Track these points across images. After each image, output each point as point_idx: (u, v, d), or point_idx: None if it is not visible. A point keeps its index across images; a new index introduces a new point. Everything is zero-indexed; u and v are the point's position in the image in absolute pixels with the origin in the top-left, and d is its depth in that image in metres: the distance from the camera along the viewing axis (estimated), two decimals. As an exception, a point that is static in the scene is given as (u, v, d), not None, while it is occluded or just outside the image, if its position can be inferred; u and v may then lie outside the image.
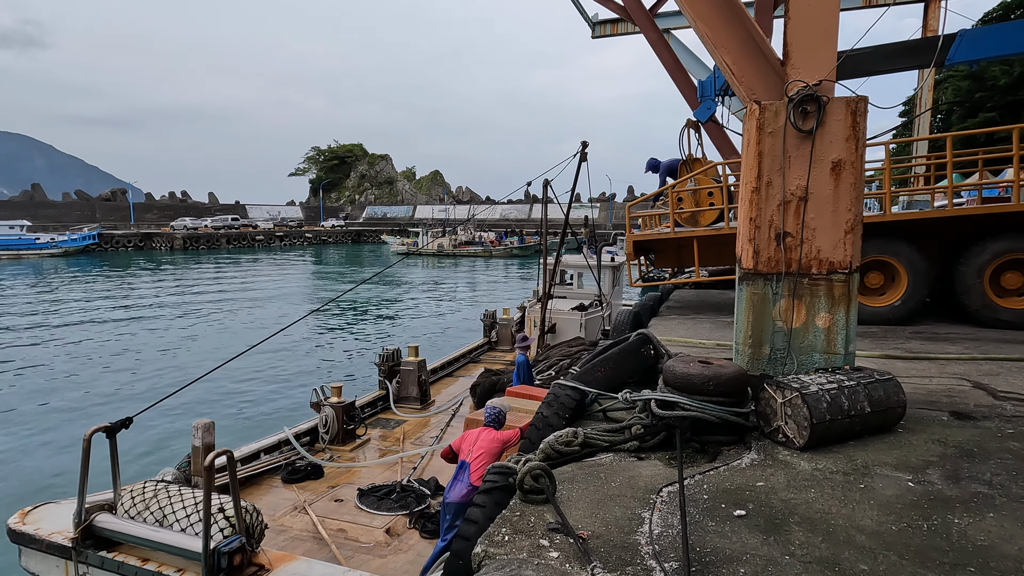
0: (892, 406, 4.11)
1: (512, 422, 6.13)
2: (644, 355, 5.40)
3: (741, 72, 4.86)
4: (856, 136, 4.44)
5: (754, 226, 4.70)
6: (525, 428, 5.44)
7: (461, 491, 5.05)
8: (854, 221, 4.50)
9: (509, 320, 19.21)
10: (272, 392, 15.54)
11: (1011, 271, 7.89)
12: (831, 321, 4.60)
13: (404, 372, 11.72)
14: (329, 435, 9.10)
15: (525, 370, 8.90)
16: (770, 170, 4.63)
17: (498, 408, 5.45)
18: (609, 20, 23.73)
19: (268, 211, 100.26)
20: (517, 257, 65.11)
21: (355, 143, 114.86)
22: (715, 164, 9.91)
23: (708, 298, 11.67)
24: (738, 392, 4.07)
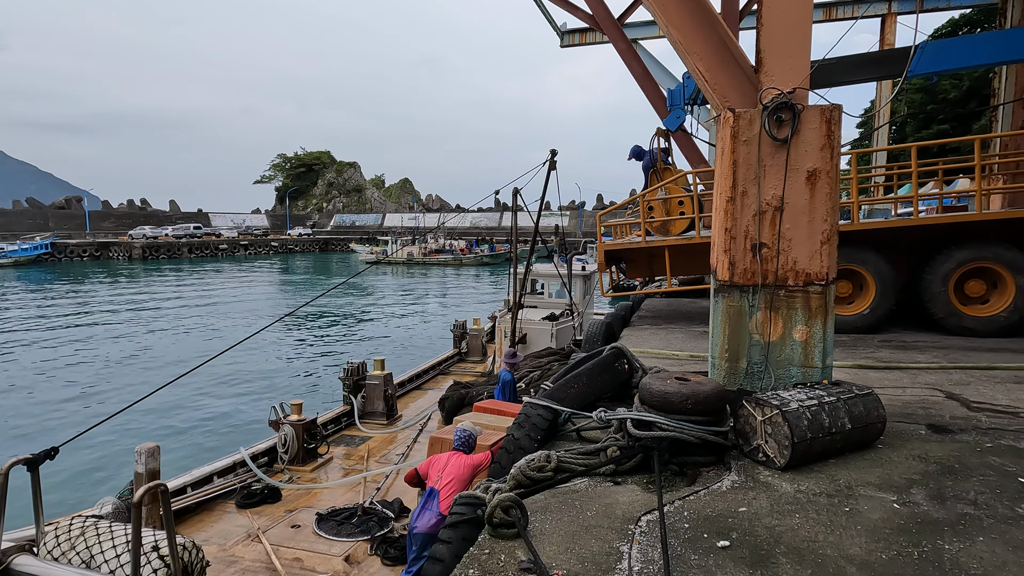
0: (872, 421, 4.00)
1: (480, 440, 5.87)
2: (618, 370, 5.22)
3: (714, 79, 4.74)
4: (831, 145, 4.36)
5: (729, 236, 4.57)
6: (496, 449, 5.19)
7: (430, 520, 4.76)
8: (830, 232, 4.41)
9: (479, 330, 18.92)
10: (229, 410, 14.85)
11: (974, 279, 8.00)
12: (808, 334, 4.48)
13: (370, 386, 11.34)
14: (288, 455, 8.67)
15: (510, 389, 8.50)
16: (745, 179, 4.50)
17: (468, 431, 5.18)
18: (578, 29, 23.83)
19: (232, 219, 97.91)
20: (488, 265, 64.85)
21: (323, 150, 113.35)
22: (685, 173, 9.87)
23: (680, 307, 11.62)
24: (717, 410, 3.90)
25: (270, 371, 18.92)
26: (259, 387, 16.88)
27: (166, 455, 6.95)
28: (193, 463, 8.32)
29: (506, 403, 7.49)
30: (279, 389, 16.55)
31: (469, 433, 5.16)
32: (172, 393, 14.76)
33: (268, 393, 15.88)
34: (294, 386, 17.07)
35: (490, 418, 6.67)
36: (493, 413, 7.08)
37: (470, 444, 5.14)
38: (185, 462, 10.05)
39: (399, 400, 13.10)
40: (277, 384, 17.26)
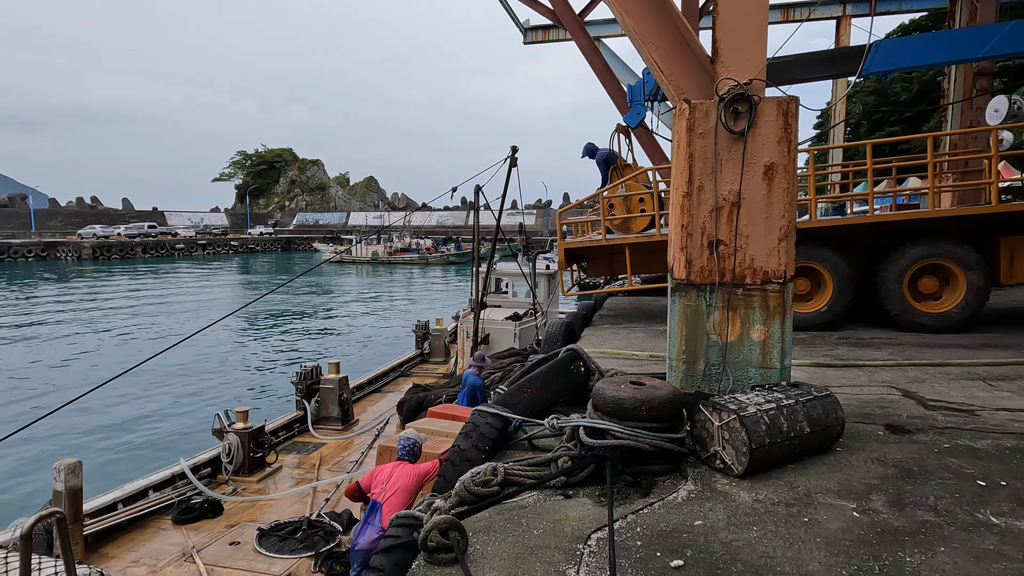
0: (831, 424, 3.87)
1: (430, 448, 5.59)
2: (574, 373, 5.01)
3: (670, 70, 4.55)
4: (788, 138, 4.21)
5: (686, 233, 4.39)
6: (445, 457, 4.93)
7: (371, 536, 4.47)
8: (788, 228, 4.27)
9: (442, 331, 18.58)
10: (172, 418, 14.06)
11: (927, 276, 8.07)
12: (766, 334, 4.34)
13: (324, 391, 10.92)
14: (233, 465, 8.22)
15: (480, 394, 8.04)
16: (701, 174, 4.33)
17: (412, 440, 4.89)
18: (541, 26, 23.64)
19: (190, 218, 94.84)
20: (454, 264, 64.30)
21: (285, 148, 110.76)
22: (646, 170, 9.75)
23: (642, 305, 11.53)
24: (673, 416, 3.71)
25: (219, 376, 18.15)
26: (206, 393, 16.12)
27: (98, 468, 6.49)
28: (130, 473, 7.79)
29: (462, 408, 7.20)
30: (228, 395, 15.86)
31: (413, 441, 4.87)
32: (108, 400, 14.01)
33: (216, 399, 15.19)
34: (245, 391, 16.40)
35: (444, 424, 6.39)
36: (448, 419, 6.79)
37: (415, 453, 4.86)
38: (127, 474, 9.45)
39: (357, 404, 12.70)
40: (226, 389, 16.55)
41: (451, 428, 6.32)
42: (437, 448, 5.73)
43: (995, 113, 10.61)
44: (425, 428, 6.32)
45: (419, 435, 4.97)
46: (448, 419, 6.81)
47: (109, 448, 11.81)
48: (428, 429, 6.29)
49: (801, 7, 21.39)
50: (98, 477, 8.54)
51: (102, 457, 10.82)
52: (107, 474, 9.31)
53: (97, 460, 10.30)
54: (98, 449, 11.29)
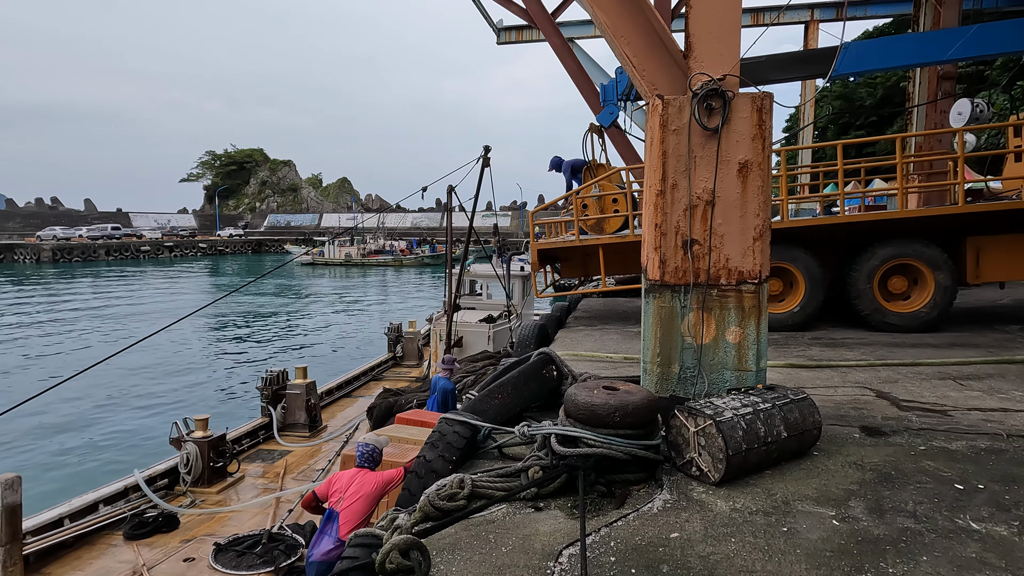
0: (808, 428, 3.77)
1: (396, 457, 5.37)
2: (546, 377, 4.85)
3: (642, 65, 4.43)
4: (763, 136, 4.12)
5: (660, 233, 4.26)
6: (411, 464, 4.71)
7: (326, 547, 4.24)
8: (763, 227, 4.17)
9: (415, 333, 18.30)
10: (128, 427, 13.45)
11: (897, 276, 8.13)
12: (742, 336, 4.23)
13: (290, 396, 10.59)
14: (192, 475, 7.86)
15: (451, 399, 7.82)
16: (675, 171, 4.21)
17: (371, 445, 4.67)
18: (514, 27, 23.55)
19: (156, 219, 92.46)
20: (429, 266, 63.84)
21: (255, 148, 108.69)
22: (619, 170, 9.67)
23: (616, 307, 11.45)
24: (647, 422, 3.57)
25: (180, 382, 17.47)
26: (166, 400, 15.50)
27: (46, 482, 6.09)
28: (79, 489, 7.37)
29: (431, 413, 6.98)
30: (190, 402, 15.29)
31: (372, 447, 4.64)
32: (57, 408, 13.39)
33: (176, 406, 14.62)
34: (209, 398, 15.83)
35: (412, 431, 6.16)
36: (416, 425, 6.57)
37: (375, 458, 4.63)
38: (77, 488, 8.98)
39: (325, 410, 12.38)
40: (188, 396, 15.94)
41: (419, 435, 6.09)
42: (404, 457, 5.51)
43: (959, 116, 10.80)
44: (392, 435, 6.09)
45: (379, 439, 4.74)
46: (416, 425, 6.59)
47: (57, 460, 11.26)
48: (395, 436, 6.07)
49: (770, 11, 21.69)
50: (43, 492, 8.08)
51: (49, 470, 10.28)
52: (55, 488, 8.83)
53: (43, 473, 9.77)
54: (44, 462, 10.72)
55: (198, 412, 10.08)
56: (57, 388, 6.25)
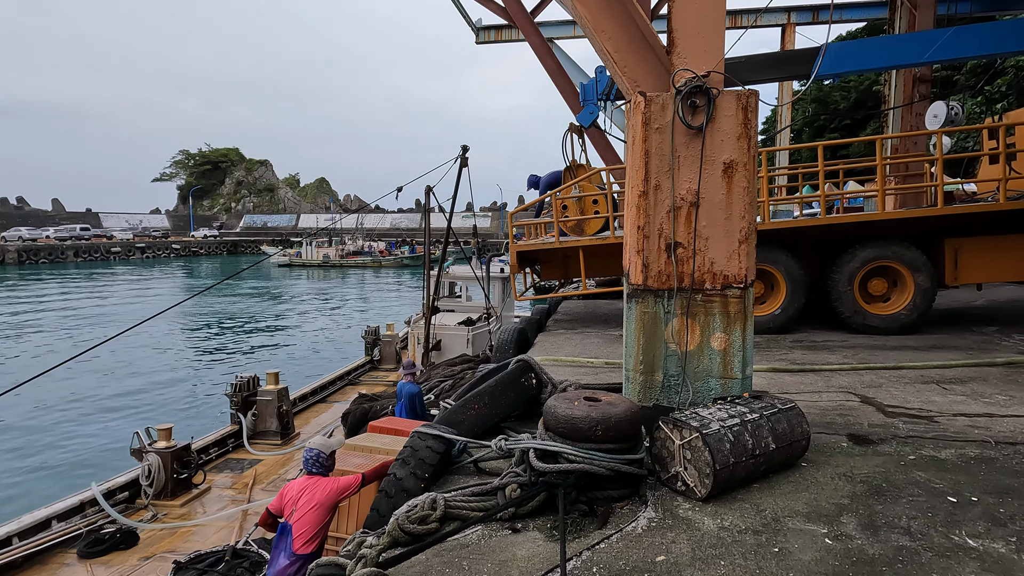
0: (796, 439, 3.63)
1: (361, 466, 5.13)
2: (525, 386, 4.65)
3: (623, 61, 4.26)
4: (748, 135, 3.97)
5: (643, 235, 4.09)
6: (371, 472, 4.43)
7: (281, 564, 3.98)
8: (748, 229, 4.02)
9: (393, 336, 17.99)
10: (87, 436, 12.80)
11: (877, 278, 8.10)
12: (727, 342, 4.08)
13: (261, 403, 10.24)
14: (154, 488, 7.50)
15: (418, 403, 7.67)
16: (658, 171, 4.04)
17: (315, 449, 4.35)
18: (493, 26, 23.33)
19: (128, 220, 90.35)
20: (408, 267, 63.28)
21: (231, 147, 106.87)
22: (599, 170, 9.53)
23: (596, 309, 11.30)
24: (631, 435, 3.39)
25: (148, 388, 16.81)
26: (132, 407, 14.88)
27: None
28: (32, 504, 6.97)
29: (407, 421, 6.74)
30: (158, 409, 14.71)
31: (317, 451, 4.34)
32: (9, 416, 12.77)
33: (143, 414, 14.05)
34: (177, 405, 15.26)
35: (385, 440, 5.91)
36: (390, 434, 6.33)
37: (323, 463, 4.33)
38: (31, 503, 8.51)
39: (299, 416, 12.04)
40: (156, 403, 15.35)
41: (394, 444, 5.85)
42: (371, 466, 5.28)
43: (934, 118, 10.87)
44: (364, 445, 5.84)
45: (327, 442, 4.44)
46: (390, 434, 6.34)
47: (7, 474, 10.71)
48: (367, 446, 5.82)
49: (748, 14, 21.82)
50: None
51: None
52: (3, 503, 8.37)
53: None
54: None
55: (165, 420, 9.68)
56: (8, 395, 5.87)
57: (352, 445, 5.91)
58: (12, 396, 8.35)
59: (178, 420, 13.27)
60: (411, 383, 7.77)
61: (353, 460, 5.48)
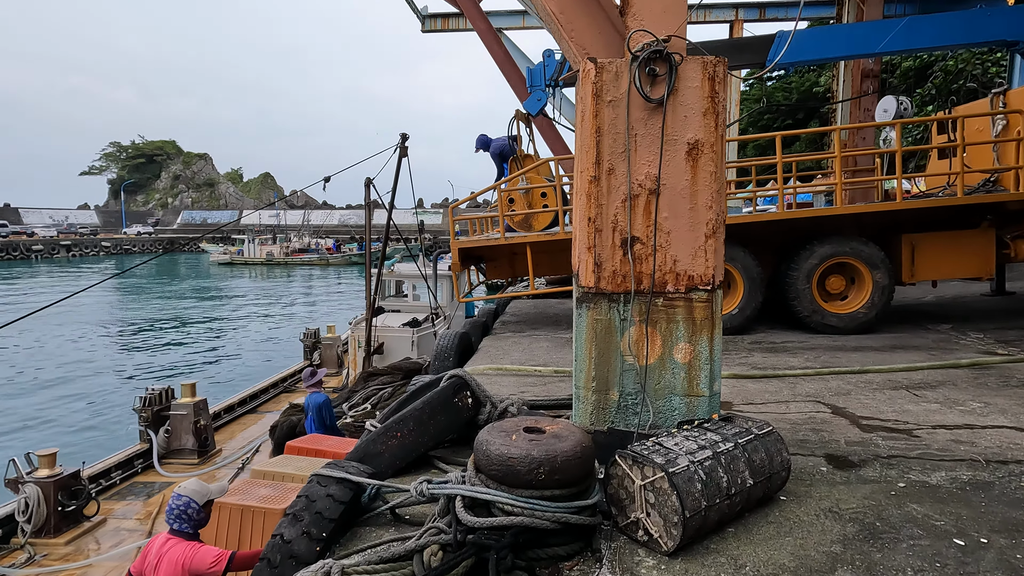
0: (776, 470, 3.06)
1: (275, 502, 4.32)
2: (459, 407, 3.93)
3: (570, 22, 3.60)
4: (715, 110, 3.38)
5: (594, 229, 3.45)
6: (246, 556, 3.37)
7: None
8: (716, 222, 3.44)
9: (335, 339, 16.94)
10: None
11: (834, 275, 7.79)
12: (693, 354, 3.49)
13: (175, 418, 9.16)
14: (32, 524, 6.43)
15: (326, 413, 7.03)
16: (611, 152, 3.41)
17: (184, 498, 3.36)
18: (440, 14, 22.46)
19: (52, 216, 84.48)
20: (357, 264, 61.42)
21: (167, 139, 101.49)
22: (548, 160, 8.90)
23: (547, 309, 10.70)
24: (581, 476, 2.74)
25: (45, 403, 15.02)
26: (23, 426, 13.15)
27: None
28: None
29: (328, 439, 5.95)
30: (56, 428, 13.06)
31: (187, 500, 3.34)
32: None
33: (37, 434, 12.43)
34: (85, 424, 13.60)
35: (302, 464, 5.11)
36: (308, 455, 5.52)
37: (192, 517, 3.36)
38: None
39: (224, 429, 10.99)
40: (58, 422, 13.65)
41: (312, 469, 5.04)
42: (285, 500, 4.47)
43: (884, 113, 10.74)
44: (275, 471, 5.02)
45: (202, 488, 3.49)
46: (310, 455, 5.54)
47: None
48: (278, 472, 5.00)
49: (697, 9, 21.72)
50: None
51: None
52: None
53: None
54: None
55: (68, 440, 8.55)
56: None
57: (260, 471, 5.08)
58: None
59: (83, 440, 11.95)
60: (317, 393, 7.05)
61: (258, 492, 4.66)
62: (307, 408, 7.12)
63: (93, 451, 10.47)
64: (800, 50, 8.48)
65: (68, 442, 11.48)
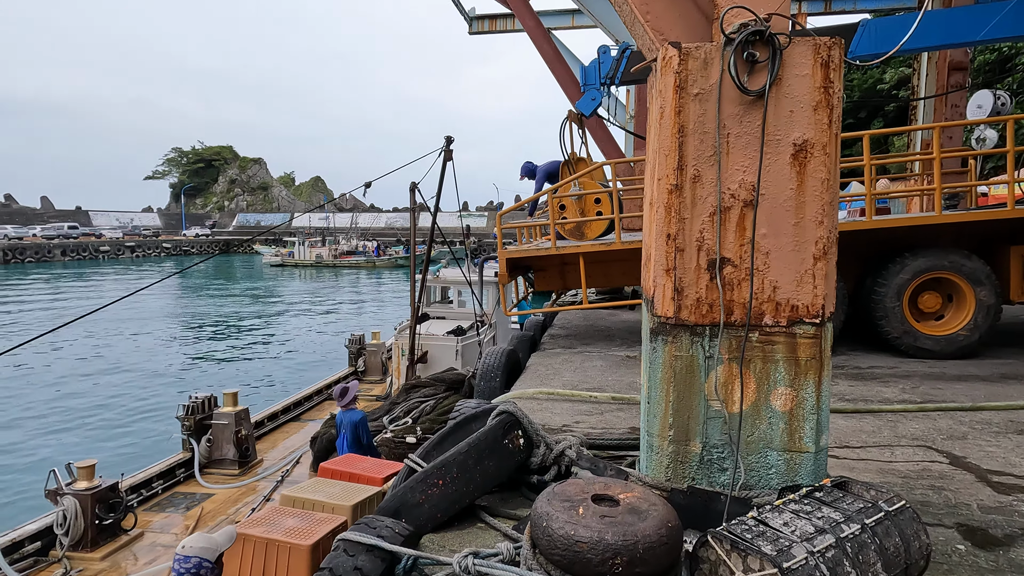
0: (914, 559, 2.42)
1: (300, 536, 3.92)
2: (509, 450, 3.42)
3: (645, 3, 3.04)
4: (829, 104, 2.76)
5: (674, 248, 2.88)
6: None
7: None
8: (827, 240, 2.81)
9: (379, 346, 16.74)
10: (12, 468, 11.10)
11: (928, 292, 6.91)
12: (795, 400, 2.87)
13: (217, 427, 8.99)
14: (70, 537, 6.27)
15: (363, 432, 6.66)
16: (698, 156, 2.83)
17: (194, 557, 2.99)
18: (487, 16, 22.19)
19: (118, 218, 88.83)
20: (403, 267, 61.99)
21: (224, 145, 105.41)
22: (603, 164, 8.31)
23: (597, 322, 10.08)
24: (668, 566, 2.17)
25: (95, 408, 15.07)
26: (72, 432, 13.22)
27: None
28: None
29: (362, 461, 5.54)
30: (104, 434, 13.11)
31: (198, 562, 2.98)
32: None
33: (84, 441, 12.51)
34: (130, 428, 13.59)
35: (334, 491, 4.70)
36: (343, 478, 5.13)
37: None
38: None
39: (267, 438, 10.82)
40: (104, 426, 13.71)
41: (344, 497, 4.65)
42: (310, 535, 4.07)
43: (978, 109, 9.70)
44: (305, 498, 4.63)
45: (209, 542, 3.06)
46: (344, 479, 5.14)
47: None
48: (308, 500, 4.61)
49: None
50: None
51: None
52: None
53: None
54: None
55: (115, 445, 8.50)
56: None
57: (290, 497, 4.70)
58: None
59: (127, 445, 12.02)
60: (352, 410, 6.68)
61: (285, 522, 4.27)
62: (340, 425, 6.79)
63: (139, 455, 10.49)
64: (887, 39, 7.60)
65: (112, 447, 11.55)
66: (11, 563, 6.09)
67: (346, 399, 6.96)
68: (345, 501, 4.55)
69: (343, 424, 6.74)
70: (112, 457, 10.34)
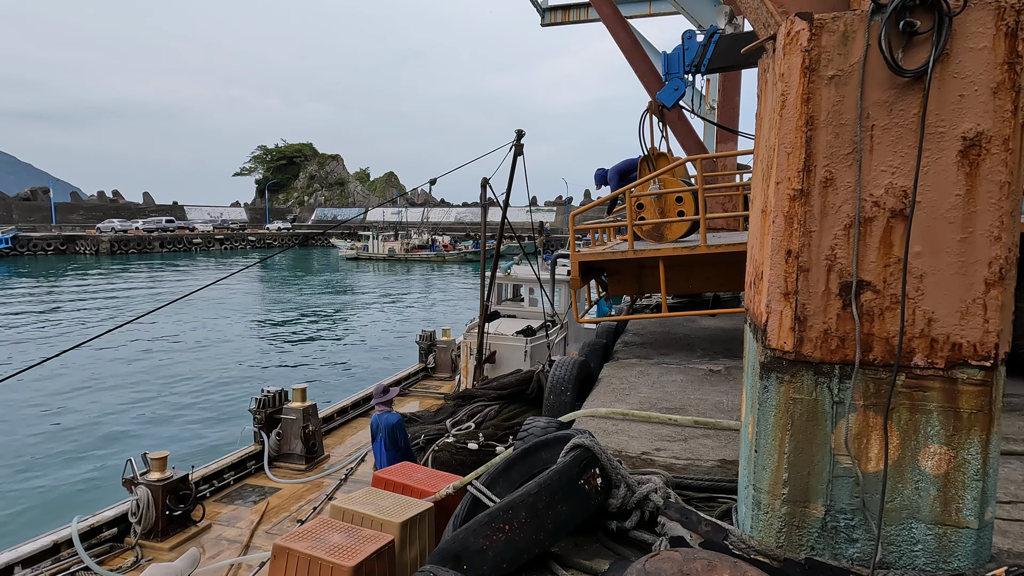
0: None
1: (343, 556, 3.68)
2: (585, 492, 3.00)
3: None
4: (1015, 85, 2.14)
5: (796, 266, 2.34)
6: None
7: None
8: (1005, 261, 2.20)
9: (449, 343, 16.66)
10: (85, 460, 11.24)
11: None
12: (953, 462, 2.28)
13: (286, 422, 9.07)
14: (142, 526, 6.41)
15: (400, 435, 6.43)
16: (831, 154, 2.28)
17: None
18: (559, 7, 21.61)
19: (209, 212, 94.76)
20: (472, 262, 62.46)
21: (304, 142, 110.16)
22: (684, 160, 7.66)
23: (674, 329, 9.43)
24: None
25: (176, 396, 15.70)
26: (154, 419, 13.77)
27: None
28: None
29: (418, 471, 5.26)
30: (185, 422, 13.63)
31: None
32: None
33: (165, 429, 13.02)
34: (208, 419, 14.11)
35: (384, 504, 4.45)
36: (396, 490, 4.88)
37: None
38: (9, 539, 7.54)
39: (335, 433, 10.91)
40: (184, 415, 14.28)
41: (395, 513, 4.39)
42: (354, 555, 3.83)
43: None
44: (354, 511, 4.40)
45: (174, 571, 2.83)
46: (396, 491, 4.90)
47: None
48: (358, 513, 4.38)
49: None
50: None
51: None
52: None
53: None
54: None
55: (196, 432, 8.74)
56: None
57: (340, 509, 4.50)
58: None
59: (203, 436, 12.45)
60: (389, 412, 6.43)
61: (331, 538, 4.05)
62: (376, 428, 6.59)
63: (215, 445, 10.82)
64: None
65: (186, 438, 11.97)
66: (89, 547, 6.28)
67: (384, 397, 6.76)
68: (395, 518, 4.31)
69: (379, 427, 6.54)
70: (184, 447, 10.70)
